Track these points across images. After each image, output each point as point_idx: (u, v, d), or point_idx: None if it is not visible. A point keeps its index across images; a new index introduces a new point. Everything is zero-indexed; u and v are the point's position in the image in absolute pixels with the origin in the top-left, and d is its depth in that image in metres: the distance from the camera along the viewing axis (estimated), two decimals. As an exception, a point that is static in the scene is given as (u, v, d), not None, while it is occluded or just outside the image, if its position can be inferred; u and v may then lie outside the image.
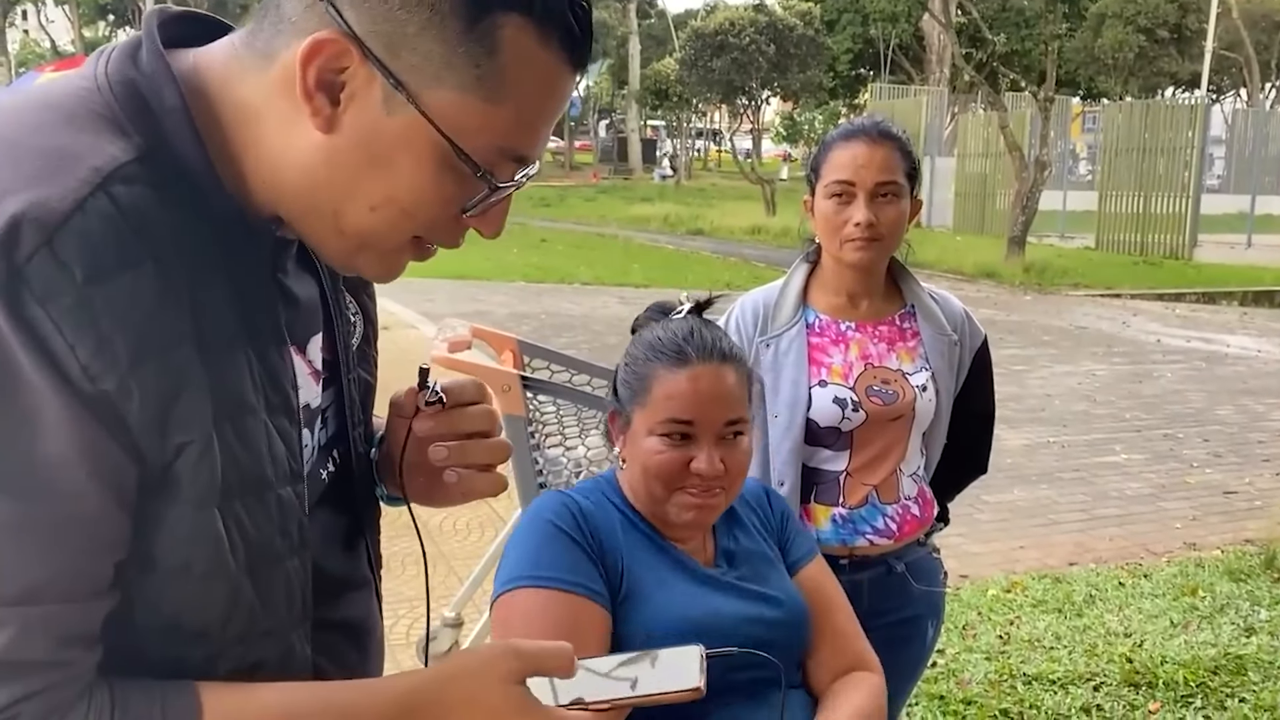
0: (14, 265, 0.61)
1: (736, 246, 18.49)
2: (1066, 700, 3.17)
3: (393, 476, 0.96)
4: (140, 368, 0.65)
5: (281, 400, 0.77)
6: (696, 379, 1.34)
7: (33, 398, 0.62)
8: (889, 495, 1.88)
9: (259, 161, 0.73)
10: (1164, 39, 26.34)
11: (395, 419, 0.94)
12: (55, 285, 0.62)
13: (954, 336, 1.94)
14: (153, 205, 0.67)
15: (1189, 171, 17.84)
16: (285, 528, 0.78)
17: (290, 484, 0.78)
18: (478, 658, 0.79)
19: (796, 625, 1.40)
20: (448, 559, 4.07)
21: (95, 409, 0.64)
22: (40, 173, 0.64)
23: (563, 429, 2.29)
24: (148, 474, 0.68)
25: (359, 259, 0.77)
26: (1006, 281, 14.52)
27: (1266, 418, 7.17)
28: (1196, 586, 4.06)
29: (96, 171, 0.65)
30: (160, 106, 0.70)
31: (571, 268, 13.97)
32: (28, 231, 0.62)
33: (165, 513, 0.69)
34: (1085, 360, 9.03)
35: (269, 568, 0.77)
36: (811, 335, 1.91)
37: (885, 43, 35.46)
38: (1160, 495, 5.40)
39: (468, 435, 0.91)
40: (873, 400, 1.85)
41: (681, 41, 28.75)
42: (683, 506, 1.34)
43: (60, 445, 0.63)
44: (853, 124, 1.91)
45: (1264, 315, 12.93)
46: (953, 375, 1.94)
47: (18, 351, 0.62)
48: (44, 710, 0.64)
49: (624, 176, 38.89)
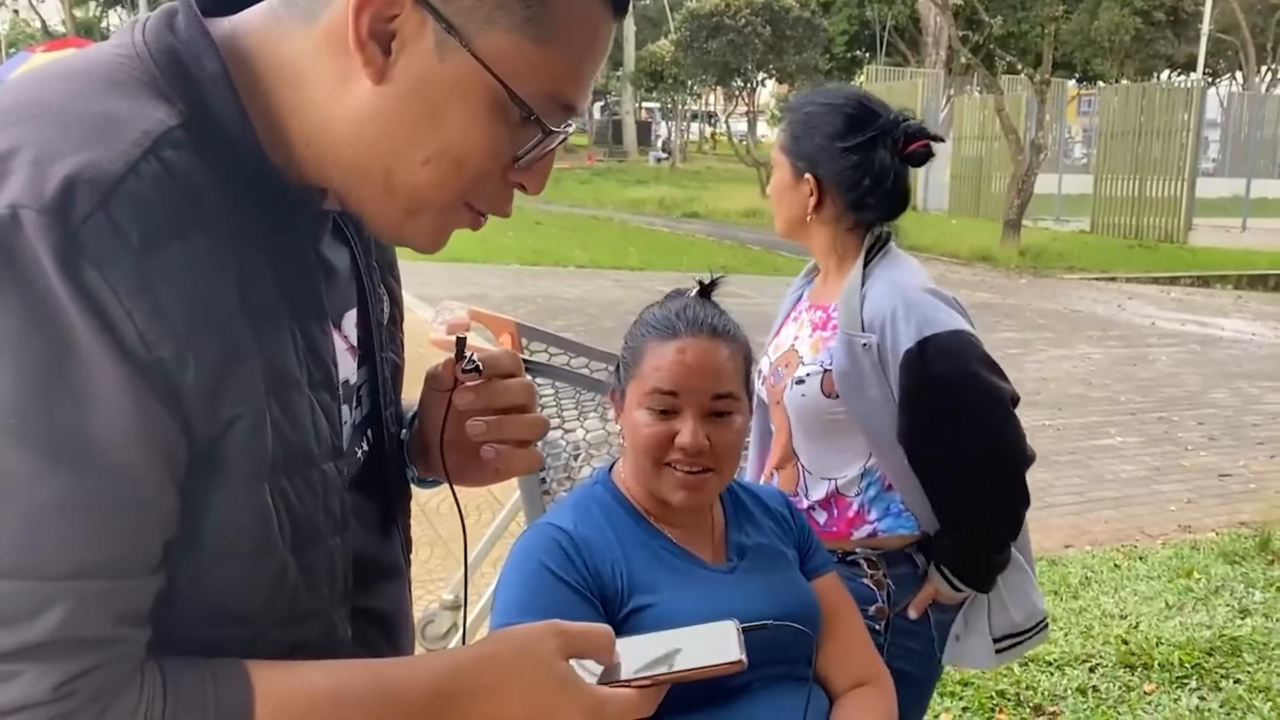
0: (69, 228, 0.60)
1: (732, 229, 18.46)
2: (1063, 681, 3.18)
3: (424, 457, 0.95)
4: (196, 337, 0.64)
5: (324, 375, 0.76)
6: (683, 350, 1.34)
7: (89, 368, 0.61)
8: (787, 486, 1.83)
9: (306, 124, 0.72)
10: (1160, 22, 26.24)
11: (431, 394, 0.92)
12: (112, 249, 0.61)
13: (865, 339, 1.71)
14: (199, 172, 0.66)
15: (1184, 155, 17.83)
16: (329, 504, 0.77)
17: (333, 460, 0.77)
18: (520, 637, 0.79)
19: (808, 620, 1.40)
20: (445, 542, 4.07)
21: (151, 380, 0.63)
22: (89, 136, 0.63)
23: (561, 412, 2.29)
24: (197, 449, 0.67)
25: (409, 226, 0.76)
26: (1002, 265, 14.52)
27: (1261, 400, 7.20)
28: (1192, 569, 4.08)
29: (146, 134, 0.64)
30: (201, 73, 0.69)
31: (567, 250, 13.93)
32: (82, 193, 0.60)
33: (214, 490, 0.68)
34: (1080, 344, 9.04)
35: (313, 546, 0.76)
36: (795, 308, 1.96)
37: (881, 25, 35.32)
38: (1155, 478, 5.42)
39: (504, 410, 0.89)
40: (767, 381, 1.86)
41: (677, 23, 28.59)
42: (673, 486, 1.34)
43: (117, 418, 0.62)
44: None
45: (1258, 298, 12.95)
46: (873, 382, 1.71)
47: (75, 318, 0.60)
48: (99, 687, 0.63)
49: (619, 159, 38.77)
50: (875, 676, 1.45)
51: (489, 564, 3.01)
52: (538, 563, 1.31)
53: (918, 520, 1.78)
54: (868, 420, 1.74)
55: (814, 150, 1.81)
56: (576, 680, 0.78)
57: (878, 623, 1.76)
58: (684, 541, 1.38)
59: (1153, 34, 26.35)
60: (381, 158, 0.72)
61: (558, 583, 1.29)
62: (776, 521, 1.50)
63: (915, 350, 1.68)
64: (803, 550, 1.50)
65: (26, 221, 0.59)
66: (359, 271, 0.86)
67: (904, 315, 1.70)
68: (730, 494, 1.50)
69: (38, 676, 0.61)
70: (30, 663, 0.61)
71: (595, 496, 1.41)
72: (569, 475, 2.26)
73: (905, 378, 1.68)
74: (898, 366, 1.70)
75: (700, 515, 1.42)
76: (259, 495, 0.70)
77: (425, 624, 3.09)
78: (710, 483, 1.36)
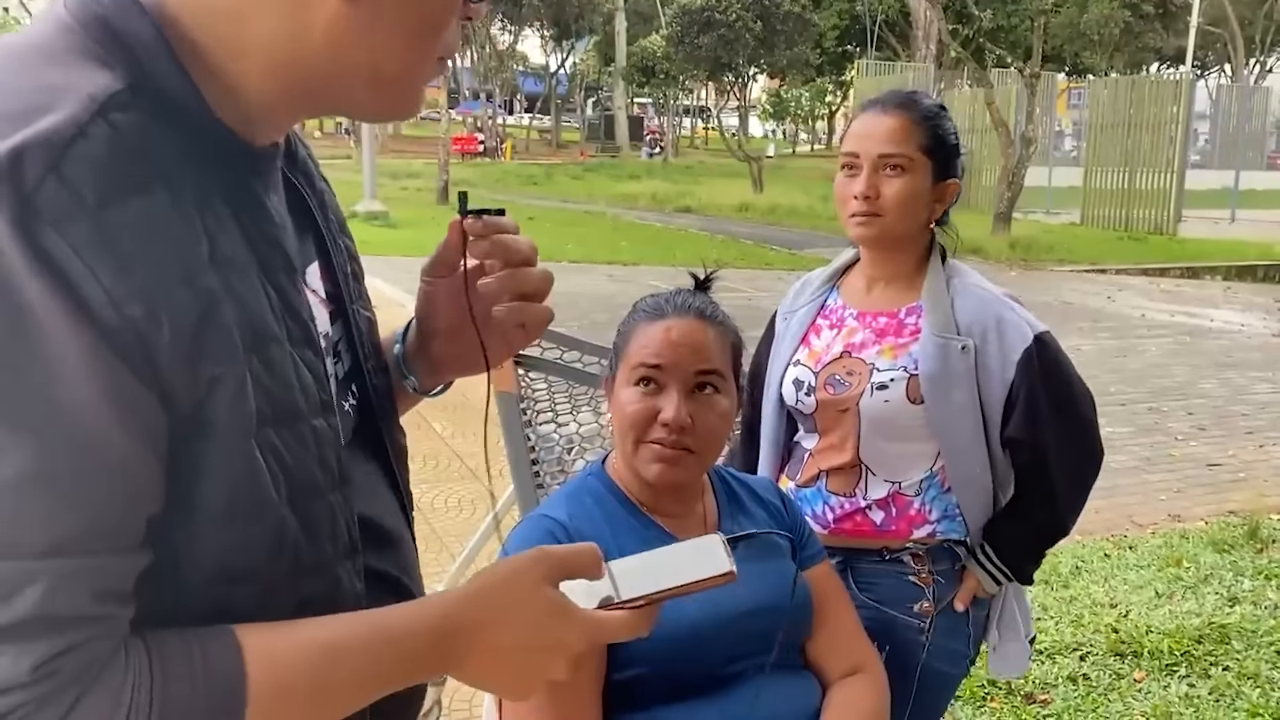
0: (22, 193, 0.59)
1: (724, 223, 18.47)
2: (1054, 670, 3.21)
3: (428, 357, 0.96)
4: (167, 293, 0.63)
5: (302, 330, 0.76)
6: (669, 328, 1.37)
7: (52, 335, 0.59)
8: (841, 486, 1.81)
9: (268, 58, 0.72)
10: (1149, 15, 26.25)
11: (432, 284, 0.94)
12: (69, 210, 0.60)
13: (963, 341, 1.74)
14: (150, 131, 0.66)
15: (1174, 147, 17.92)
16: (324, 459, 0.76)
17: (323, 415, 0.76)
18: (507, 567, 0.79)
19: (799, 609, 1.42)
20: (440, 536, 4.08)
21: (120, 344, 0.61)
22: (35, 106, 0.62)
23: (554, 406, 2.30)
24: (179, 415, 0.65)
25: (396, 102, 0.78)
26: (993, 257, 14.55)
27: (1249, 391, 7.25)
28: (1181, 557, 4.12)
29: (92, 99, 0.64)
30: (135, 39, 0.68)
31: (560, 245, 13.93)
32: (31, 158, 0.60)
33: (202, 454, 0.67)
34: (1071, 335, 9.08)
35: (311, 501, 0.75)
36: (820, 317, 1.89)
37: (872, 19, 35.33)
38: (1145, 468, 5.46)
39: (514, 266, 0.90)
40: (827, 389, 1.80)
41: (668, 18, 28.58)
42: (650, 459, 1.35)
43: (83, 386, 0.60)
44: (876, 95, 1.84)
45: (1247, 289, 13.02)
46: (964, 385, 1.74)
47: (33, 284, 0.58)
48: (82, 666, 0.62)
49: (611, 154, 38.74)
50: (866, 664, 1.47)
51: (483, 558, 3.03)
52: None
53: (966, 524, 1.81)
54: (948, 424, 1.75)
55: (952, 150, 1.81)
56: (569, 605, 0.78)
57: (923, 620, 1.76)
58: (677, 531, 1.39)
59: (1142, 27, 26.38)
60: (366, 59, 0.73)
61: None
62: (769, 512, 1.52)
63: (1034, 348, 1.74)
64: (796, 540, 1.52)
65: None
66: (316, 225, 0.86)
67: (1009, 318, 1.76)
68: (723, 484, 1.52)
69: (16, 657, 0.59)
70: (7, 644, 0.59)
71: (589, 487, 1.43)
72: (562, 469, 2.28)
73: (1023, 376, 1.74)
74: (1005, 368, 1.74)
75: (692, 504, 1.43)
76: (248, 452, 0.69)
77: None
78: (688, 461, 1.35)
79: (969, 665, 1.88)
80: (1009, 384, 1.75)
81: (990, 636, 1.89)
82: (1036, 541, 1.86)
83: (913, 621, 1.77)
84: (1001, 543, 1.81)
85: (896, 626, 1.76)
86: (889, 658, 1.70)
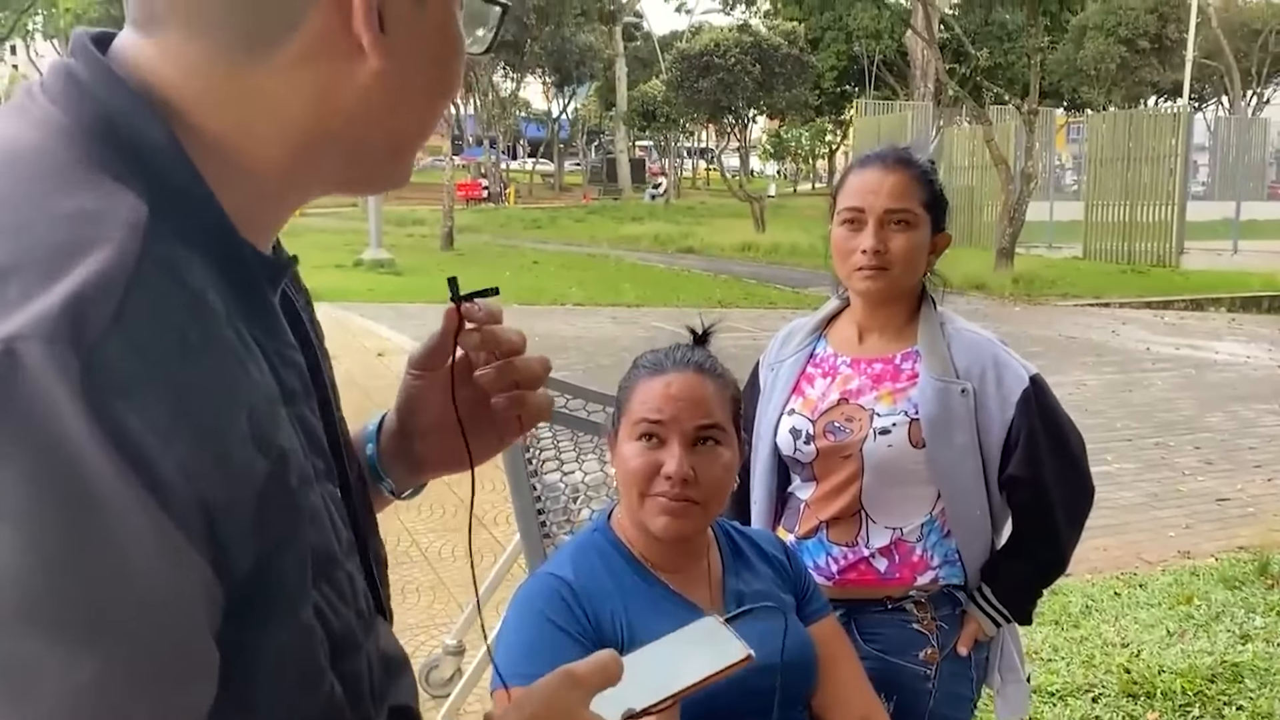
0: (83, 357, 0.50)
1: (727, 264, 18.55)
2: (1065, 712, 3.19)
3: (406, 456, 0.90)
4: (242, 459, 0.56)
5: (325, 463, 0.69)
6: (669, 383, 1.39)
7: (122, 528, 0.51)
8: (842, 536, 1.81)
9: (285, 145, 0.66)
10: (1145, 49, 26.57)
11: (414, 380, 0.89)
12: (137, 372, 0.52)
13: (962, 385, 1.77)
14: (192, 263, 0.58)
15: (1174, 179, 18.00)
16: (358, 607, 0.70)
17: (350, 555, 0.71)
18: (543, 696, 0.77)
19: (803, 666, 1.42)
20: (448, 586, 4.08)
21: (192, 527, 0.54)
22: (73, 244, 0.53)
23: (559, 454, 2.32)
24: (235, 593, 0.57)
25: (396, 171, 0.74)
26: (996, 293, 14.59)
27: (1257, 424, 7.23)
28: (1192, 595, 4.09)
29: (134, 229, 0.55)
30: (150, 148, 0.60)
31: (563, 288, 14.00)
32: (90, 313, 0.51)
33: (261, 629, 0.60)
34: (1075, 370, 9.08)
35: (352, 656, 0.69)
36: (810, 365, 1.91)
37: (869, 59, 35.70)
38: (1153, 504, 5.44)
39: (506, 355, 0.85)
40: (827, 436, 1.81)
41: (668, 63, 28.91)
42: (656, 511, 1.36)
43: (159, 585, 0.52)
44: (871, 151, 1.88)
45: (1252, 321, 13.02)
46: (964, 428, 1.77)
47: (102, 469, 0.50)
48: None
49: (613, 197, 39.01)
50: (873, 717, 1.48)
51: (491, 608, 3.02)
52: (538, 612, 1.34)
53: (965, 568, 1.83)
54: (950, 467, 1.78)
55: (945, 204, 1.86)
56: None
57: (929, 668, 1.77)
58: (681, 588, 1.41)
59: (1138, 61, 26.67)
60: (389, 123, 0.70)
61: (557, 632, 1.31)
62: (774, 567, 1.53)
63: (1031, 389, 1.79)
64: (800, 595, 1.52)
65: (28, 356, 0.49)
66: (306, 332, 0.78)
67: (1004, 361, 1.81)
68: (728, 540, 1.53)
69: None
70: None
71: (594, 544, 1.44)
72: (569, 519, 2.29)
73: (1023, 416, 1.78)
74: (1004, 409, 1.78)
75: (697, 561, 1.44)
76: (303, 622, 0.62)
77: (429, 669, 3.10)
78: (693, 513, 1.37)
79: (973, 709, 1.88)
80: (1008, 425, 1.79)
81: (992, 679, 1.90)
82: (1038, 580, 1.90)
83: (918, 669, 1.77)
84: (1003, 583, 1.83)
85: (903, 676, 1.76)
86: (896, 707, 1.71)
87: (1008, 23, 30.21)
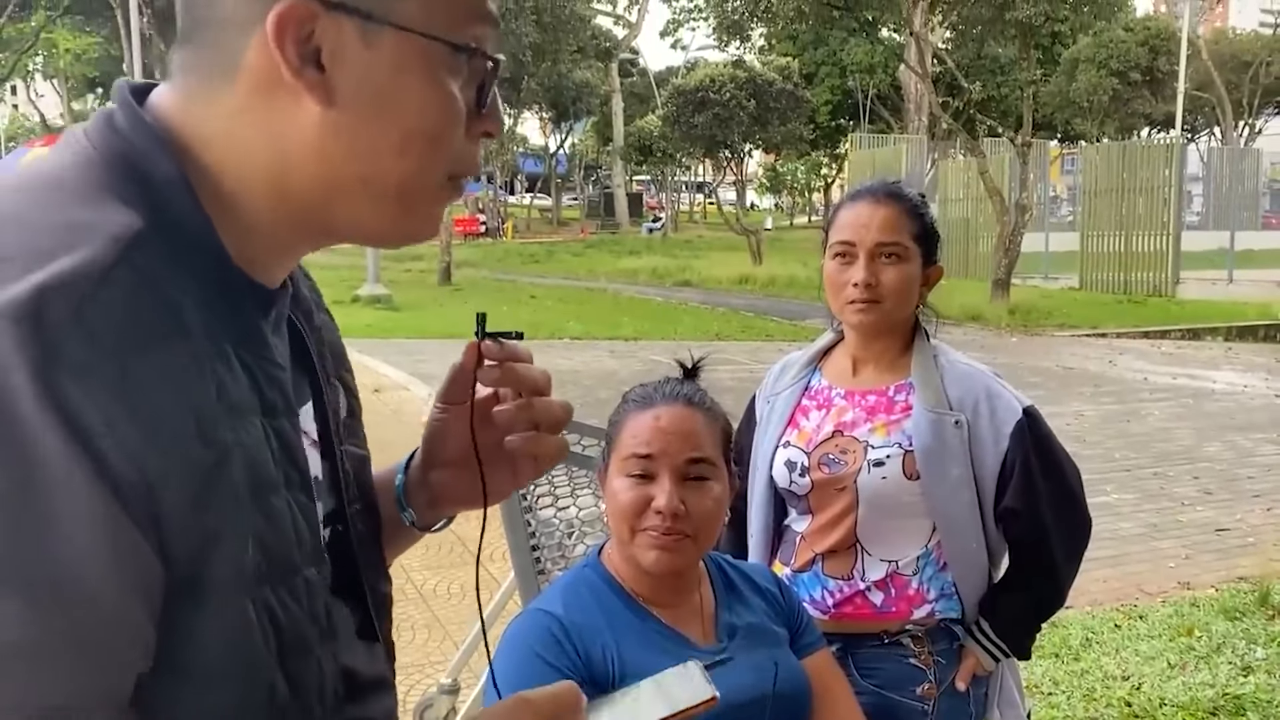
0: (43, 337, 0.56)
1: (724, 296, 18.62)
2: (1067, 746, 3.16)
3: (429, 488, 0.92)
4: (182, 449, 0.61)
5: (299, 475, 0.73)
6: (658, 416, 1.39)
7: (60, 490, 0.56)
8: (838, 569, 1.80)
9: (261, 184, 0.70)
10: (1137, 81, 26.84)
11: (438, 417, 0.90)
12: (90, 358, 0.58)
13: (956, 416, 1.77)
14: (169, 275, 0.64)
15: (1168, 209, 18.11)
16: (314, 612, 0.73)
17: (315, 564, 0.74)
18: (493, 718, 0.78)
19: (795, 698, 1.41)
20: (443, 624, 4.05)
21: (130, 500, 0.58)
22: (59, 245, 0.60)
23: (554, 490, 2.31)
24: (176, 572, 0.62)
25: (408, 223, 0.75)
26: (992, 324, 14.63)
27: (1255, 453, 7.22)
28: (1192, 626, 4.07)
29: (116, 240, 0.62)
30: (157, 177, 0.67)
31: (562, 322, 14.03)
32: (55, 300, 0.57)
33: (196, 613, 0.64)
34: (1073, 400, 9.08)
35: (301, 659, 0.71)
36: (805, 398, 1.91)
37: (864, 93, 36.05)
38: (1153, 535, 5.42)
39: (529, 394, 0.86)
40: (821, 468, 1.81)
41: (664, 99, 29.19)
42: (647, 545, 1.36)
43: (89, 545, 0.57)
44: (861, 185, 1.89)
45: (1248, 350, 13.04)
46: (958, 460, 1.77)
47: (49, 435, 0.56)
48: None
49: (611, 231, 39.20)
50: None
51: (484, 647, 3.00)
52: (529, 649, 1.33)
53: (962, 602, 1.82)
54: (945, 500, 1.77)
55: (936, 237, 1.86)
56: None
57: (926, 704, 1.76)
58: (674, 622, 1.40)
59: (1130, 93, 26.93)
60: (355, 171, 0.70)
61: (547, 668, 1.31)
62: (767, 600, 1.52)
63: (1025, 420, 1.79)
64: (793, 628, 1.52)
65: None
66: (311, 364, 0.83)
67: (997, 392, 1.81)
68: (720, 573, 1.52)
69: None
70: None
71: (585, 579, 1.44)
72: (563, 554, 2.28)
73: (1017, 447, 1.78)
74: (998, 440, 1.78)
75: (689, 595, 1.44)
76: (243, 612, 0.66)
77: (424, 708, 3.07)
78: (685, 547, 1.36)
79: None
80: (1002, 456, 1.78)
81: (991, 715, 1.88)
82: (1037, 614, 1.88)
83: (916, 705, 1.76)
84: (1002, 617, 1.81)
85: (900, 711, 1.75)
86: None
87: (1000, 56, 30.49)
